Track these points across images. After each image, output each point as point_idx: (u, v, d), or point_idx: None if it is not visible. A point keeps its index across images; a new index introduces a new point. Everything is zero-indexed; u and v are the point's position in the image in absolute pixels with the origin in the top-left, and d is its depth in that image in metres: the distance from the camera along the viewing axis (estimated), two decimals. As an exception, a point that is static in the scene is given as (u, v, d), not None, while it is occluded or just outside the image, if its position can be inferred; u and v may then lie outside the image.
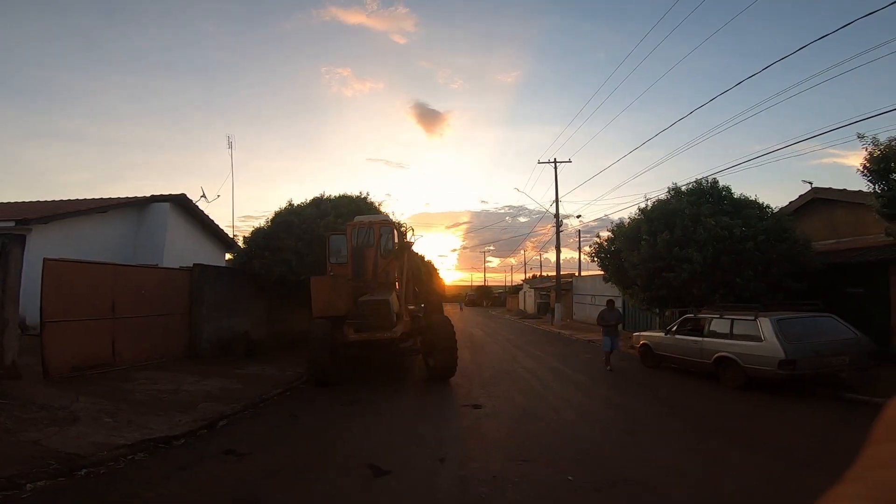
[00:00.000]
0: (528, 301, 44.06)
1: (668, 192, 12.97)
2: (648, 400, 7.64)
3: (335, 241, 11.03)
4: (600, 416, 6.49)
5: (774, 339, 7.93)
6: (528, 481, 4.13)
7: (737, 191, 12.45)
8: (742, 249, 10.34)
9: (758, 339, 8.25)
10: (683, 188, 12.77)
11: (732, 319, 9.02)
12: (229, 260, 17.71)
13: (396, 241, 11.00)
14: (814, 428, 5.84)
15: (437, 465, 4.57)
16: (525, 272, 56.68)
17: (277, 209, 14.24)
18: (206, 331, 11.60)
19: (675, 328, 10.61)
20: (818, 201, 13.81)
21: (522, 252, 58.72)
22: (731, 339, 8.85)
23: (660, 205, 12.62)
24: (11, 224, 12.28)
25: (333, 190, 15.58)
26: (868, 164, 8.26)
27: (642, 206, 13.27)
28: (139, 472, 4.38)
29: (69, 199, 16.83)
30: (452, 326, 9.81)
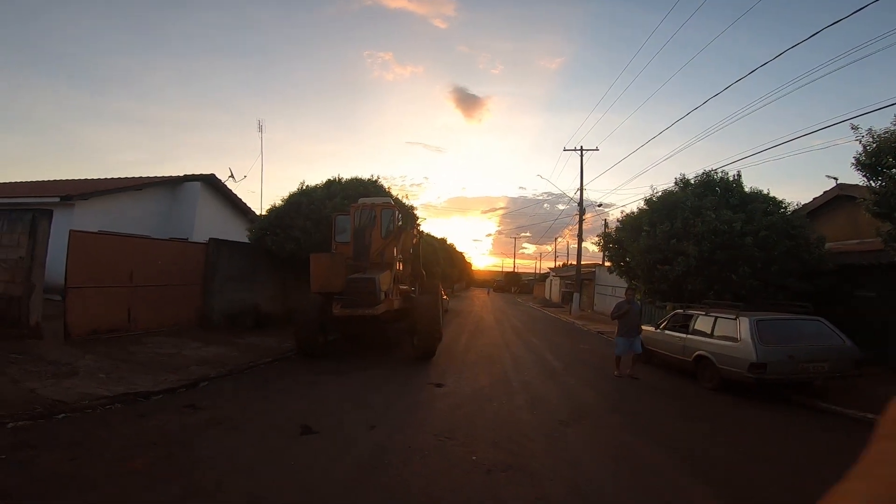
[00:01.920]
0: (554, 289, 43.73)
1: (676, 182, 12.67)
2: (609, 395, 7.75)
3: (340, 221, 11.61)
4: (550, 406, 6.72)
5: (749, 341, 7.81)
6: (436, 456, 4.49)
7: (762, 184, 12.00)
8: (740, 245, 10.05)
9: (735, 339, 8.14)
10: (692, 179, 12.44)
11: (716, 317, 8.89)
12: (248, 235, 18.80)
13: (399, 223, 11.47)
14: (747, 436, 5.79)
15: (365, 432, 5.02)
16: (554, 260, 56.04)
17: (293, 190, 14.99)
18: (218, 302, 12.51)
19: (664, 323, 10.54)
20: (843, 198, 13.07)
21: (555, 239, 57.91)
22: (711, 337, 8.76)
23: (665, 196, 12.37)
24: (56, 199, 13.62)
25: (373, 171, 16.25)
26: (861, 158, 7.83)
27: (648, 196, 13.03)
28: (105, 416, 5.08)
29: (110, 178, 18.28)
30: (437, 308, 10.19)
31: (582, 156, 26.16)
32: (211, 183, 18.61)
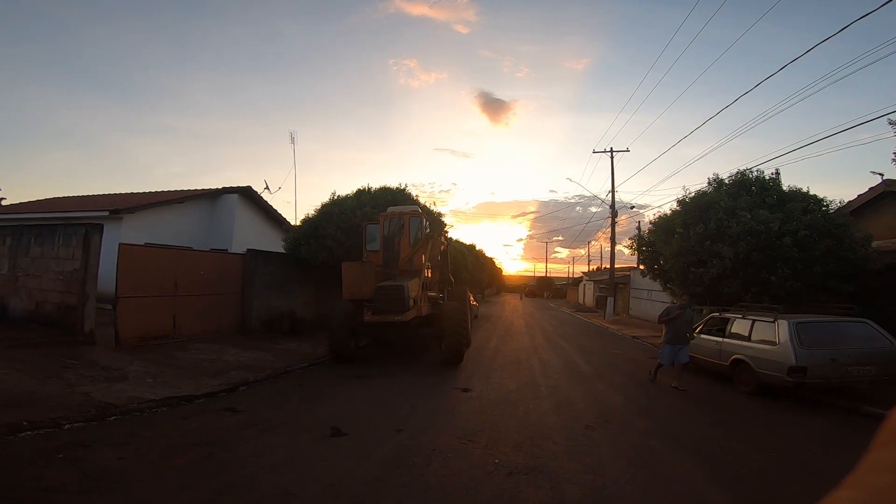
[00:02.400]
0: (588, 294, 42.94)
1: (710, 183, 12.33)
2: (638, 399, 7.62)
3: (370, 230, 11.94)
4: (576, 410, 6.69)
5: (788, 344, 7.53)
6: (458, 457, 4.58)
7: (802, 182, 11.56)
8: (778, 245, 9.68)
9: (773, 342, 7.86)
10: (727, 179, 12.07)
11: (753, 320, 8.61)
12: (284, 245, 19.51)
13: (426, 231, 11.67)
14: (783, 443, 5.58)
15: (392, 434, 5.17)
16: (588, 264, 55.04)
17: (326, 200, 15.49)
18: (256, 309, 13.05)
19: (700, 327, 10.25)
20: (890, 194, 12.35)
21: (588, 243, 56.90)
22: (748, 341, 8.48)
23: (697, 196, 12.05)
24: (106, 213, 14.57)
25: (402, 179, 16.70)
26: None
27: (681, 197, 12.72)
28: (151, 418, 5.45)
29: (154, 191, 19.38)
30: (465, 314, 10.30)
31: (612, 157, 25.75)
32: (247, 195, 19.45)
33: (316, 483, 3.88)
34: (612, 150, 25.74)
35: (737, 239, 10.05)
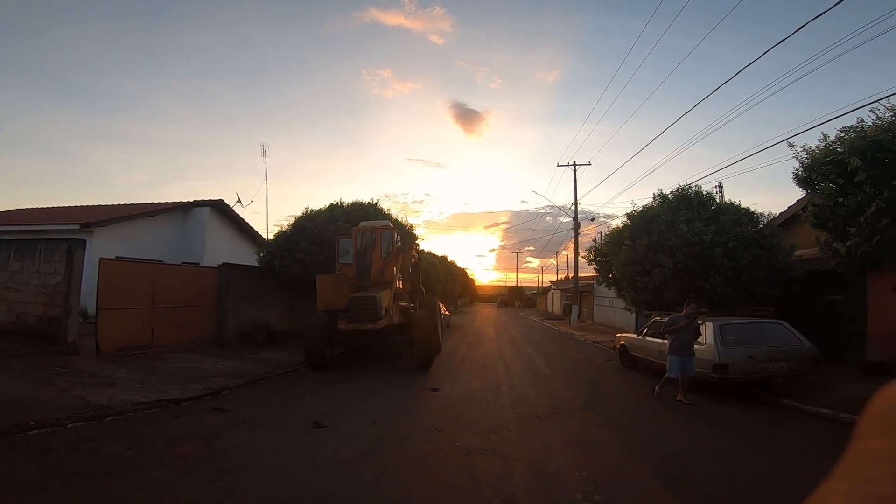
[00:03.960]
0: (556, 302, 44.45)
1: (654, 197, 13.62)
2: (587, 396, 8.51)
3: (343, 244, 12.59)
4: (531, 405, 7.54)
5: (713, 343, 8.63)
6: (426, 443, 5.35)
7: (750, 192, 12.94)
8: (710, 255, 10.92)
9: (700, 343, 8.97)
10: (669, 195, 13.38)
11: (687, 323, 9.73)
12: (258, 259, 19.83)
13: (397, 244, 12.43)
14: (708, 429, 6.52)
15: (367, 426, 5.89)
16: (556, 273, 56.79)
17: (299, 214, 16.04)
18: (232, 321, 13.44)
19: (645, 330, 11.36)
20: (813, 206, 13.92)
21: (557, 253, 58.78)
22: (683, 342, 9.58)
23: (644, 211, 13.31)
24: (76, 227, 14.66)
25: (375, 189, 17.45)
26: (798, 174, 8.77)
27: (629, 211, 13.97)
28: (146, 418, 6.00)
29: (125, 204, 19.43)
30: (435, 323, 11.10)
31: (575, 171, 27.23)
32: (219, 208, 19.71)
33: (303, 464, 4.57)
34: (574, 164, 27.22)
35: (675, 250, 11.26)
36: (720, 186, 12.88)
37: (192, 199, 19.28)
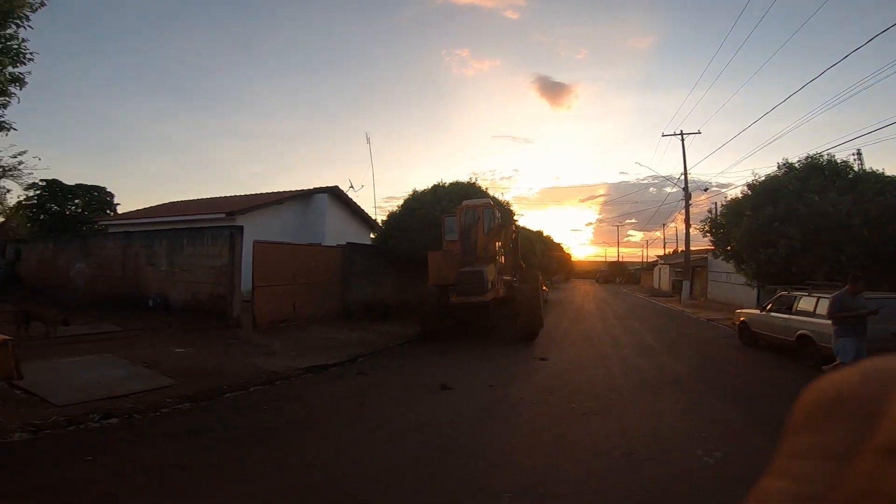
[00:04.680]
0: (663, 278, 41.91)
1: (779, 167, 12.46)
2: (702, 369, 8.42)
3: (448, 222, 13.45)
4: (643, 375, 7.69)
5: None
6: (541, 403, 5.92)
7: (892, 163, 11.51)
8: (847, 226, 9.88)
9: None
10: (796, 163, 12.16)
11: (819, 297, 9.01)
12: (372, 239, 21.66)
13: (498, 221, 13.00)
14: None
15: (485, 389, 6.61)
16: (663, 247, 53.23)
17: (406, 195, 17.29)
18: (354, 296, 15.08)
19: (769, 306, 10.67)
20: None
21: (663, 225, 54.78)
22: (813, 317, 8.92)
23: (767, 180, 12.29)
24: (222, 215, 17.29)
25: (463, 168, 18.21)
26: None
27: (750, 181, 12.94)
28: (305, 382, 7.30)
29: (257, 193, 22.26)
30: (538, 295, 11.54)
31: (683, 140, 25.30)
32: (335, 194, 21.78)
33: (439, 418, 5.39)
34: (682, 133, 25.28)
35: (805, 220, 10.34)
36: (859, 154, 11.39)
37: (311, 187, 21.50)
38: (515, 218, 16.69)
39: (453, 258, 11.85)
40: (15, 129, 8.28)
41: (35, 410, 5.08)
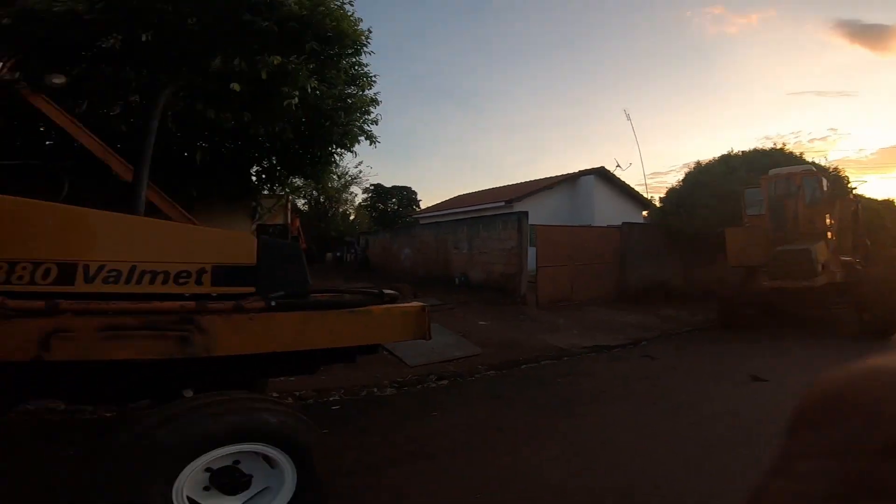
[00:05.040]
0: None
1: None
2: None
3: (750, 195, 11.53)
4: None
5: None
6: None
7: None
8: None
9: None
10: None
11: None
12: (645, 217, 20.37)
13: (825, 189, 10.41)
14: None
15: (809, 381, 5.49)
16: None
17: (673, 169, 15.63)
18: (632, 277, 14.62)
19: None
20: None
21: None
22: None
23: None
24: (502, 203, 19.32)
25: (749, 134, 15.47)
26: None
27: None
28: (592, 360, 7.60)
29: (529, 181, 23.94)
30: (893, 282, 8.70)
31: None
32: (602, 174, 21.47)
33: (752, 409, 4.88)
34: None
35: None
36: None
37: (577, 171, 21.75)
38: (853, 186, 12.88)
39: (760, 235, 10.15)
40: (379, 142, 8.93)
41: (397, 369, 6.60)
